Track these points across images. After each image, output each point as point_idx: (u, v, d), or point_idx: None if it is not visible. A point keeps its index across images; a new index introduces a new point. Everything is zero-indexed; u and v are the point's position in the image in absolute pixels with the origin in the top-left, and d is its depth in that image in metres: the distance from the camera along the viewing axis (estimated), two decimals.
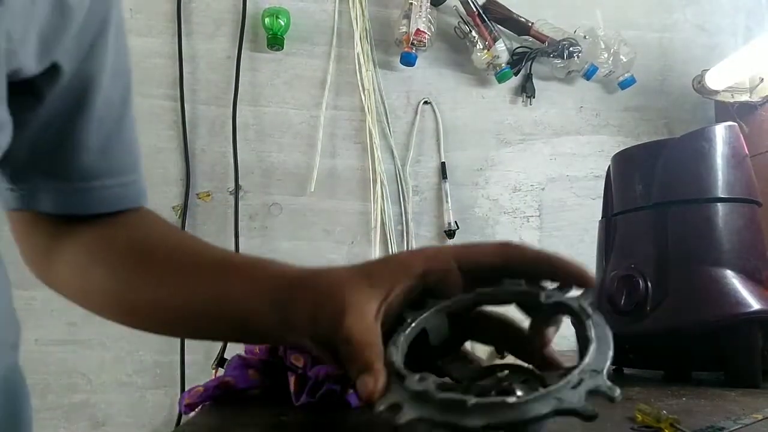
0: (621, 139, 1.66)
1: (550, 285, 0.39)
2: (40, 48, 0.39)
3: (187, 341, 1.41)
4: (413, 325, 0.38)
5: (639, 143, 0.96)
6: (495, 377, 0.35)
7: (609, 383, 0.31)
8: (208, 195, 1.51)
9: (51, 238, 0.51)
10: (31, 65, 0.39)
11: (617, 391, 0.30)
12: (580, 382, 0.31)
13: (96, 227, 0.50)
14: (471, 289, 0.39)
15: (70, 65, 0.44)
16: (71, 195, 0.49)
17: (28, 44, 0.38)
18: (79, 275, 0.50)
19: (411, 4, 1.52)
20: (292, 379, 0.60)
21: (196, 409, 0.63)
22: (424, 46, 1.53)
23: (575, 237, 1.60)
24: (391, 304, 0.37)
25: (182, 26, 1.52)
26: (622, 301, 0.81)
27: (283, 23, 1.51)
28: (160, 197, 1.47)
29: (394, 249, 1.52)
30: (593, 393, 0.30)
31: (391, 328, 0.38)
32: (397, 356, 0.35)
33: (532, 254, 0.39)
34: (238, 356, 0.69)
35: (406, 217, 1.56)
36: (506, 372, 0.35)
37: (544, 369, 0.37)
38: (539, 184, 1.64)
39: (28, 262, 0.54)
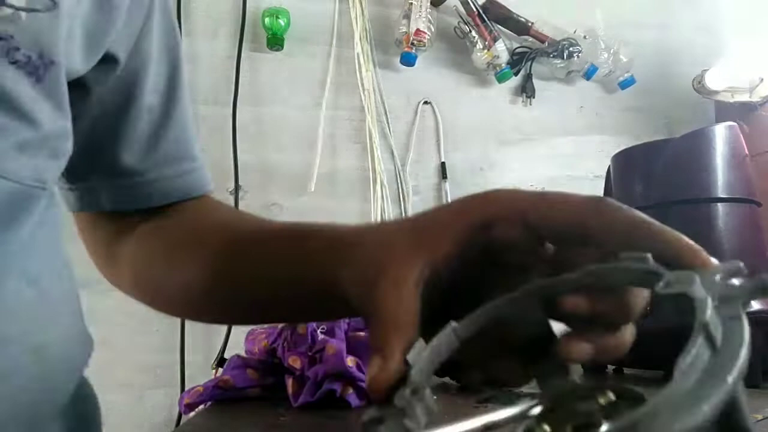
0: (621, 139, 1.65)
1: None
2: (86, 47, 0.38)
3: (186, 341, 1.41)
4: (474, 316, 0.28)
5: (639, 143, 0.96)
6: (592, 405, 0.25)
7: None
8: None
9: (111, 235, 0.49)
10: (77, 66, 0.38)
11: None
12: None
13: (155, 220, 0.48)
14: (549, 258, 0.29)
15: (123, 56, 0.43)
16: (129, 190, 0.47)
17: (74, 45, 0.37)
18: (139, 271, 0.48)
19: (411, 4, 1.52)
20: (289, 382, 0.60)
21: (196, 409, 0.63)
22: (424, 46, 1.53)
23: None
24: (438, 263, 0.30)
25: (182, 26, 1.52)
26: None
27: (283, 23, 1.51)
28: None
29: None
30: None
31: (445, 291, 0.30)
32: (423, 356, 0.27)
33: (628, 223, 0.28)
34: (237, 356, 0.69)
35: (406, 217, 1.55)
36: (608, 398, 0.25)
37: None
38: (539, 184, 1.63)
39: (96, 264, 0.52)
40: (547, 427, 0.25)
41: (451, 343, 0.28)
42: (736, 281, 0.23)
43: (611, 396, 0.25)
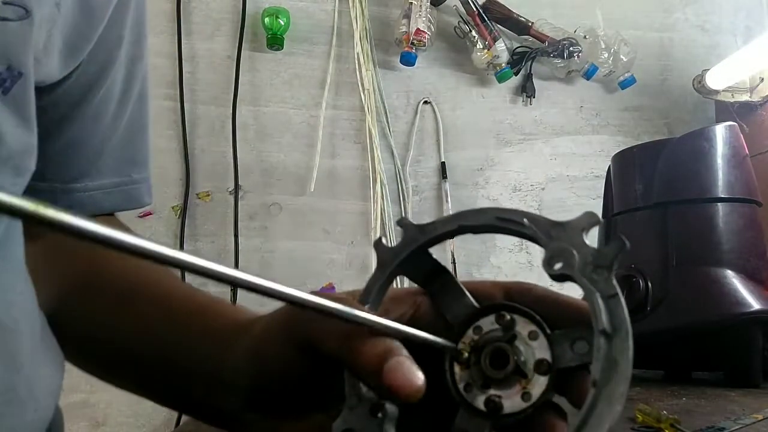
0: (621, 139, 1.65)
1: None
2: (65, 53, 0.36)
3: None
4: (377, 287, 0.30)
5: (639, 143, 0.96)
6: (497, 322, 0.28)
7: None
8: (208, 195, 1.51)
9: None
10: (53, 74, 0.36)
11: None
12: None
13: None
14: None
15: (88, 61, 0.40)
16: (48, 195, 0.43)
17: (52, 52, 0.35)
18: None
19: (411, 3, 1.52)
20: None
21: None
22: (424, 45, 1.53)
23: None
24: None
25: (182, 26, 1.52)
26: None
27: (282, 23, 1.51)
28: (159, 197, 1.47)
29: None
30: None
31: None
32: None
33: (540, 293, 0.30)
34: None
35: (406, 217, 1.55)
36: (509, 317, 0.28)
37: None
38: (539, 184, 1.64)
39: None
40: (466, 354, 0.28)
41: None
42: (604, 246, 0.26)
43: (507, 315, 0.28)
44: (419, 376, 0.24)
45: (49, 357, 0.39)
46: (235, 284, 0.19)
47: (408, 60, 1.54)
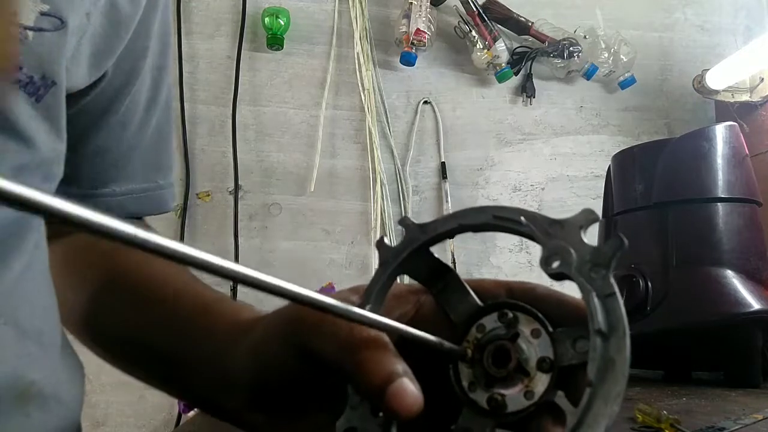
0: (621, 139, 1.65)
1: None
2: (92, 63, 0.37)
3: None
4: (380, 285, 0.30)
5: (639, 143, 0.96)
6: (499, 320, 0.28)
7: None
8: (208, 195, 1.51)
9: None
10: (80, 82, 0.37)
11: None
12: None
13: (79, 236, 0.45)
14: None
15: (111, 71, 0.41)
16: (75, 201, 0.44)
17: (80, 61, 0.36)
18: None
19: (411, 3, 1.52)
20: None
21: (196, 409, 0.63)
22: (424, 45, 1.53)
23: None
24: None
25: (182, 26, 1.52)
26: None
27: (282, 23, 1.51)
28: None
29: None
30: None
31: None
32: None
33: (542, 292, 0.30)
34: None
35: (407, 216, 1.55)
36: (511, 315, 0.28)
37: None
38: (539, 184, 1.64)
39: None
40: (470, 353, 0.28)
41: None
42: (602, 244, 0.26)
43: (509, 314, 0.28)
44: (419, 399, 0.24)
45: (72, 366, 0.40)
46: (235, 279, 0.19)
47: (408, 60, 1.54)
